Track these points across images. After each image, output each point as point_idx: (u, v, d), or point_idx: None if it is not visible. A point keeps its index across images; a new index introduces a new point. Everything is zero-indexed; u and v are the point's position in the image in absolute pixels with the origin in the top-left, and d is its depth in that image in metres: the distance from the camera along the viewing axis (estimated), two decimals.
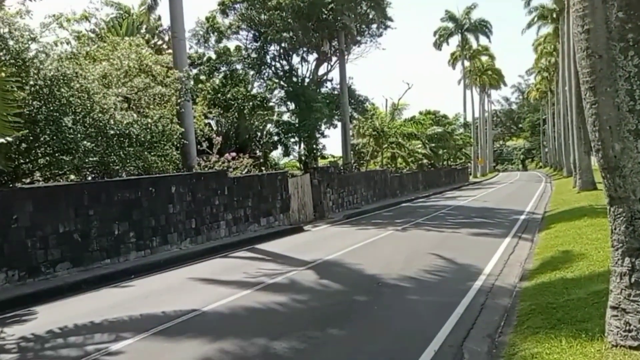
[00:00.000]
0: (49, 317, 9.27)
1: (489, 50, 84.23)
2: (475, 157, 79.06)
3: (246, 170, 21.91)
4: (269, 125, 37.11)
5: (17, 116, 13.39)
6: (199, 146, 21.25)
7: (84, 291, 11.21)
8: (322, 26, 32.31)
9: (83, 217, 12.74)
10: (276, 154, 39.40)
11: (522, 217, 21.59)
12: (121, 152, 15.74)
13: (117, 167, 17.08)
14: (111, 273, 12.47)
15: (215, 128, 33.26)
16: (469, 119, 79.51)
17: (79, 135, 13.91)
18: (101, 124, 14.71)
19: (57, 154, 14.46)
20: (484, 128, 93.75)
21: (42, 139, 13.80)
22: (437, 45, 77.56)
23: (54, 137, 13.45)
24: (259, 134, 36.83)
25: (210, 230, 17.20)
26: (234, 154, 22.25)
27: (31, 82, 13.39)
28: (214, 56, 34.16)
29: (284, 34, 30.47)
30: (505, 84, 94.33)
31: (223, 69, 33.50)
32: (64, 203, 12.39)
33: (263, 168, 31.12)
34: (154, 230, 14.87)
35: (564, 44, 42.12)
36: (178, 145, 19.71)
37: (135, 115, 16.88)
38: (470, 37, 78.04)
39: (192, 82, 20.11)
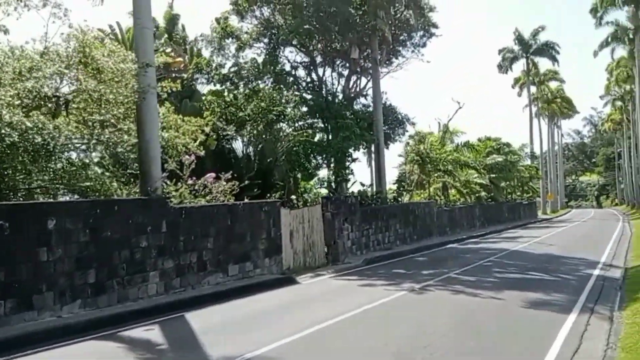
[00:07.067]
0: None
1: (559, 74, 76.16)
2: (545, 192, 70.80)
3: (224, 197, 16.37)
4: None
5: None
6: (166, 165, 15.74)
7: None
8: (349, 28, 26.43)
9: None
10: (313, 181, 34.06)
11: (596, 272, 15.71)
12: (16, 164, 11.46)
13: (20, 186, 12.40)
14: None
15: (242, 149, 28.28)
16: (537, 150, 71.72)
17: None
18: None
19: None
20: (554, 161, 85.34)
21: None
22: (502, 69, 70.50)
23: None
24: (283, 156, 31.44)
25: (127, 287, 11.49)
26: (213, 174, 16.90)
27: None
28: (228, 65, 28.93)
29: (299, 36, 24.87)
30: (578, 112, 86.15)
31: (236, 80, 28.17)
32: None
33: (293, 197, 25.99)
34: (4, 289, 9.40)
35: None
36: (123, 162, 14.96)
37: (36, 118, 11.88)
38: (537, 60, 70.63)
39: (154, 81, 14.76)
